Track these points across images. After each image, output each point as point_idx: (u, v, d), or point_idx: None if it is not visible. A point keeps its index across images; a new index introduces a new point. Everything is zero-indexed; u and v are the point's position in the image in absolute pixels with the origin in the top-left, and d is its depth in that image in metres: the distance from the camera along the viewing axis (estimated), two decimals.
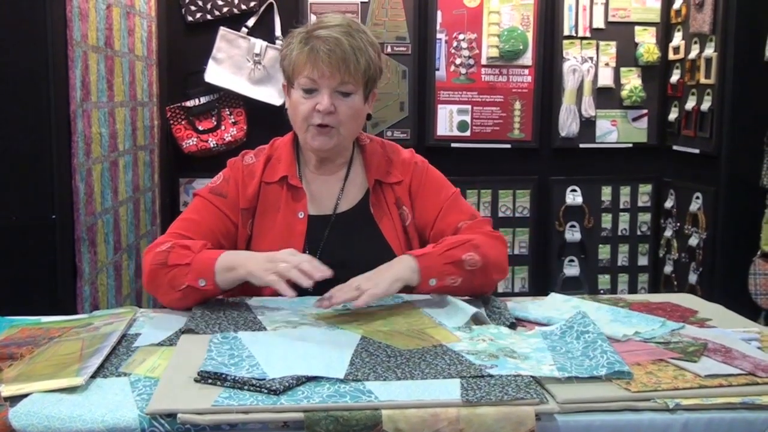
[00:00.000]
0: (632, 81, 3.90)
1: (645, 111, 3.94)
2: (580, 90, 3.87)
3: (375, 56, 1.88)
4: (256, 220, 1.94)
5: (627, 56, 3.90)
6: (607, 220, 4.01)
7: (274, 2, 3.70)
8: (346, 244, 1.89)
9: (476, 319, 1.64)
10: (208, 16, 3.67)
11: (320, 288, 1.81)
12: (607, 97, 3.92)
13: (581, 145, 3.93)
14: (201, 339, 1.51)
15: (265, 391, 1.26)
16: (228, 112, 3.69)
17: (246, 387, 1.28)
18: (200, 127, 3.66)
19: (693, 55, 3.63)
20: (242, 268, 1.70)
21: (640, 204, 4.02)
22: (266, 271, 1.66)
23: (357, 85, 1.85)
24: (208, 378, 1.31)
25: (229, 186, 1.94)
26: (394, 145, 2.06)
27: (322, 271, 1.65)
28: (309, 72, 1.82)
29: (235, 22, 3.67)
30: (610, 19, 3.87)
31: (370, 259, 1.79)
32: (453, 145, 3.86)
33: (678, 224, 3.81)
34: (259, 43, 3.63)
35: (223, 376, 1.30)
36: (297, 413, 1.21)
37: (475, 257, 1.77)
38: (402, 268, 1.74)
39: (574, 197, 3.96)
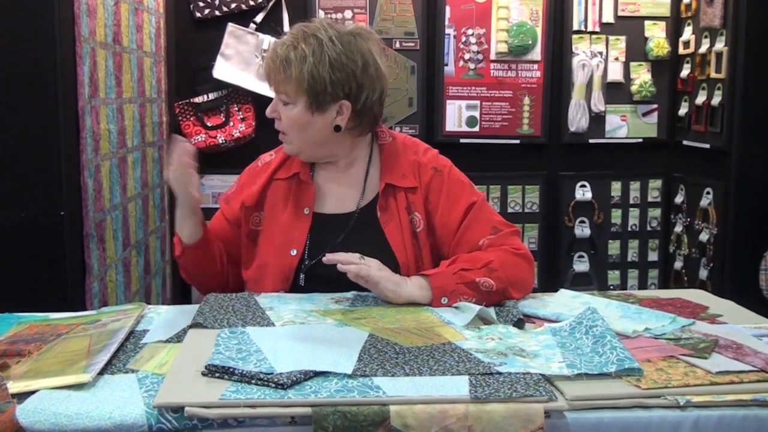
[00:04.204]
0: (642, 76, 3.88)
1: (655, 106, 3.92)
2: (589, 85, 3.86)
3: (323, 69, 1.80)
4: (266, 216, 1.96)
5: (637, 51, 3.88)
6: (616, 215, 3.99)
7: None
8: (348, 245, 1.85)
9: (483, 318, 1.64)
10: (216, 12, 3.67)
11: (314, 286, 1.86)
12: (616, 92, 3.90)
13: (591, 141, 3.91)
14: (209, 333, 1.51)
15: (273, 385, 1.26)
16: (236, 108, 3.69)
17: (253, 381, 1.28)
18: (209, 123, 3.66)
19: (703, 49, 3.61)
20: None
21: (650, 199, 4.01)
22: (173, 181, 1.81)
23: (293, 96, 1.84)
24: (215, 372, 1.31)
25: (238, 192, 2.01)
26: (417, 144, 2.01)
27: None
28: None
29: (243, 18, 3.66)
30: (620, 13, 3.85)
31: (374, 258, 1.79)
32: (462, 140, 3.85)
33: (688, 220, 3.79)
34: (267, 39, 3.62)
35: (231, 370, 1.30)
36: (304, 408, 1.21)
37: (489, 282, 1.74)
38: (414, 289, 1.74)
39: (583, 193, 3.95)
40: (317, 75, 1.81)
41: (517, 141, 3.89)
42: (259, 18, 3.67)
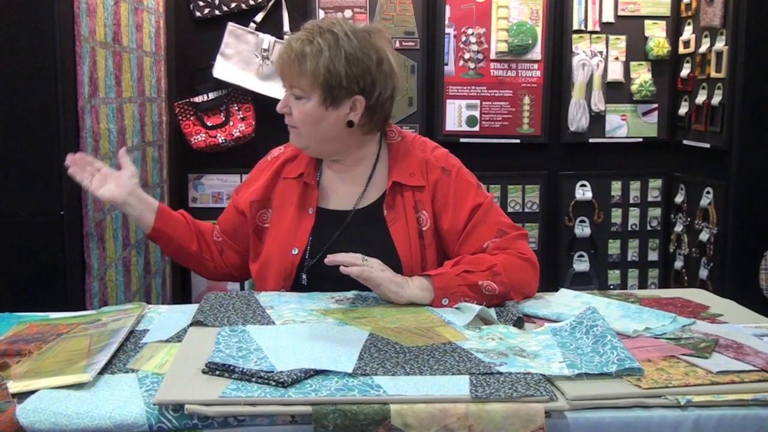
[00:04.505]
0: (642, 75, 3.88)
1: (655, 105, 3.92)
2: (589, 84, 3.85)
3: (338, 63, 1.81)
4: (273, 215, 1.98)
5: (637, 50, 3.87)
6: (617, 215, 3.99)
7: None
8: (352, 243, 1.85)
9: (484, 318, 1.63)
10: (216, 12, 3.66)
11: (316, 284, 1.86)
12: (616, 92, 3.89)
13: (591, 140, 3.91)
14: (209, 332, 1.51)
15: (273, 383, 1.26)
16: (236, 108, 3.69)
17: (254, 379, 1.28)
18: (209, 123, 3.66)
19: (703, 48, 3.61)
20: None
21: (650, 199, 4.00)
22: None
23: (307, 90, 1.83)
24: (215, 369, 1.31)
25: (247, 185, 2.05)
26: (426, 143, 2.01)
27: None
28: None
29: (243, 17, 3.66)
30: (620, 12, 3.84)
31: (375, 258, 1.79)
32: (462, 140, 3.85)
33: (688, 219, 3.79)
34: (267, 39, 3.62)
35: (231, 368, 1.30)
36: (305, 406, 1.21)
37: (492, 285, 1.73)
38: (416, 290, 1.74)
39: (583, 192, 3.94)
40: (333, 69, 1.81)
41: (517, 140, 3.89)
42: (259, 17, 3.67)
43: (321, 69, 1.81)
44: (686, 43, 3.78)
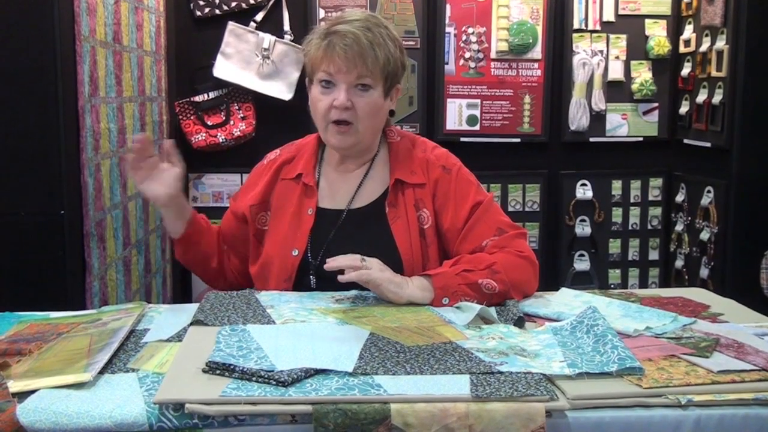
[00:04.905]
0: (643, 74, 3.87)
1: (656, 104, 3.91)
2: (590, 83, 3.85)
3: (395, 51, 1.86)
4: (272, 217, 1.97)
5: (637, 49, 3.87)
6: (617, 214, 3.99)
7: None
8: (353, 241, 1.85)
9: (484, 318, 1.63)
10: (217, 11, 3.66)
11: (323, 286, 1.86)
12: (617, 91, 3.89)
13: (591, 139, 3.90)
14: (209, 331, 1.51)
15: (274, 382, 1.26)
16: (237, 107, 3.69)
17: (254, 378, 1.28)
18: (209, 122, 3.66)
19: (704, 47, 3.61)
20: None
21: (650, 198, 4.00)
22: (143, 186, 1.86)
23: (375, 79, 1.83)
24: (216, 369, 1.31)
25: (245, 190, 2.04)
26: (426, 143, 2.02)
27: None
28: (326, 67, 1.83)
29: (243, 16, 3.66)
30: (621, 12, 3.84)
31: (374, 258, 1.78)
32: (462, 139, 3.85)
33: (689, 218, 3.78)
34: (267, 38, 3.62)
35: (232, 367, 1.30)
36: (305, 405, 1.21)
37: (492, 283, 1.73)
38: (415, 290, 1.73)
39: (584, 191, 3.94)
40: (397, 56, 1.86)
41: (518, 140, 3.88)
42: (259, 17, 3.67)
43: (390, 57, 1.84)
44: (687, 42, 3.77)
